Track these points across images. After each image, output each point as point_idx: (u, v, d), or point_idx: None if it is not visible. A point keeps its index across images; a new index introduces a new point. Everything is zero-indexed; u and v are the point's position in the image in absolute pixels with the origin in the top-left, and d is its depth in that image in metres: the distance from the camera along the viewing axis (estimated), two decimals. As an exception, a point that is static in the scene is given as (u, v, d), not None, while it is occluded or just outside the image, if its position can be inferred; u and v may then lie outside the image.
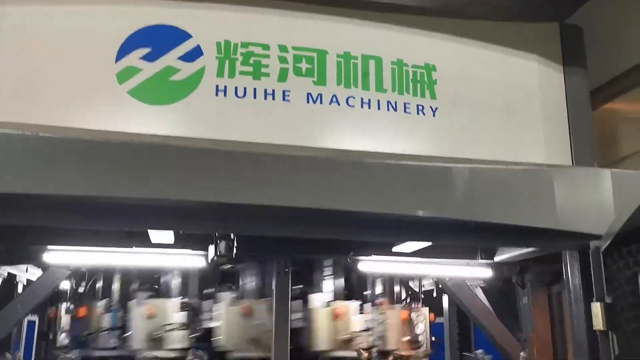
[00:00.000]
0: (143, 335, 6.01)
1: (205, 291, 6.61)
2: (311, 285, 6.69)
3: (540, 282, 6.85)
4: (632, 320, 3.24)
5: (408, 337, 6.78)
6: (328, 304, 6.44)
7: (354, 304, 6.57)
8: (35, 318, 9.03)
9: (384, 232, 3.67)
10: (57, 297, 8.15)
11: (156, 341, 6.01)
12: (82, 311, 6.57)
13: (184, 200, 3.10)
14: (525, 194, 3.55)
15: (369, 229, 3.59)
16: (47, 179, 2.95)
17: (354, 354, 6.11)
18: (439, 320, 9.12)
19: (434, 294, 8.14)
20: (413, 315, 7.06)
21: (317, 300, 6.46)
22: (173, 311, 6.22)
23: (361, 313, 6.60)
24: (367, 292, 7.07)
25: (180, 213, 3.33)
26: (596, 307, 3.49)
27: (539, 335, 6.63)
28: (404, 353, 6.57)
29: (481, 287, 7.55)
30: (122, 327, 6.32)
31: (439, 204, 3.37)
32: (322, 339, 6.23)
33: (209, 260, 4.42)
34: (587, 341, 3.63)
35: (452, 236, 3.75)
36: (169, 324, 6.07)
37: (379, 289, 7.13)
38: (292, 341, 6.24)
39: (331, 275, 6.73)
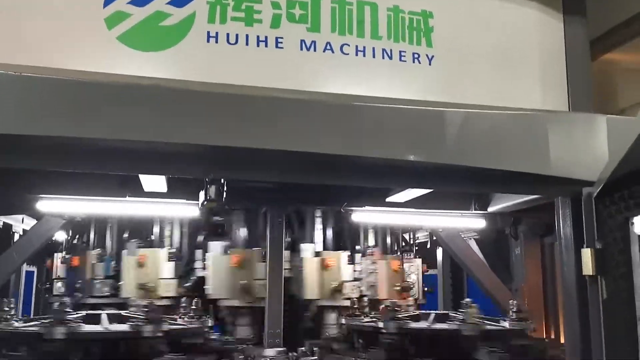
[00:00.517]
0: (135, 284, 6.12)
1: (197, 239, 6.64)
2: (302, 236, 6.76)
3: (533, 233, 6.92)
4: (621, 265, 3.26)
5: (399, 287, 6.87)
6: (317, 254, 6.53)
7: (344, 254, 6.66)
8: (33, 269, 9.15)
9: (377, 178, 3.64)
10: (53, 247, 8.24)
11: (147, 290, 6.11)
12: (75, 260, 6.64)
13: (175, 142, 3.07)
14: (519, 139, 3.52)
15: (362, 174, 3.56)
16: (35, 120, 2.90)
17: (343, 303, 6.23)
18: (432, 272, 9.26)
19: (428, 246, 8.20)
20: (406, 266, 7.15)
21: (307, 250, 6.54)
22: (164, 260, 6.32)
23: (352, 263, 6.69)
24: (360, 244, 7.13)
25: (171, 157, 3.29)
26: (586, 253, 3.50)
27: (531, 285, 6.74)
28: (395, 302, 6.66)
29: (474, 239, 7.62)
30: (115, 276, 6.41)
31: (431, 149, 3.34)
32: (311, 288, 6.37)
33: (200, 205, 4.39)
34: (576, 287, 3.67)
35: (444, 182, 3.73)
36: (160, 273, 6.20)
37: (371, 241, 7.17)
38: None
39: (322, 226, 6.76)
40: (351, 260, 6.71)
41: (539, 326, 6.09)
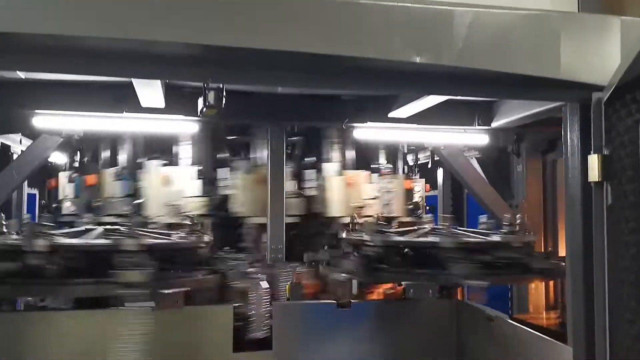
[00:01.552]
0: (158, 203, 6.12)
1: (218, 157, 6.58)
2: (320, 155, 6.74)
3: (535, 150, 6.87)
4: (628, 168, 3.21)
5: (411, 205, 6.95)
6: (341, 172, 6.54)
7: (365, 173, 6.68)
8: (35, 191, 9.16)
9: (381, 83, 3.52)
10: (53, 169, 8.22)
11: (172, 208, 6.12)
12: (90, 179, 6.62)
13: (170, 42, 2.93)
14: (527, 41, 3.37)
15: (366, 79, 3.44)
16: (19, 17, 2.75)
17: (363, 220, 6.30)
18: (433, 193, 9.28)
19: (429, 166, 8.18)
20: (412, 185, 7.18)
21: (330, 169, 6.56)
22: (189, 179, 6.29)
23: (370, 183, 6.71)
24: (376, 163, 7.12)
25: (166, 59, 3.16)
26: (593, 159, 3.44)
27: (531, 202, 6.76)
28: (406, 220, 6.73)
29: (476, 159, 7.57)
30: (133, 195, 6.38)
31: (437, 50, 3.20)
32: (335, 206, 6.42)
33: (199, 113, 4.30)
34: (581, 194, 3.63)
35: (449, 87, 3.61)
36: (184, 192, 6.18)
37: (383, 160, 7.14)
38: (306, 208, 6.45)
39: (340, 146, 6.73)
40: (369, 179, 6.72)
41: (537, 241, 6.14)
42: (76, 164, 7.28)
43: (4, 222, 4.73)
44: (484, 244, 4.88)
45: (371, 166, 7.02)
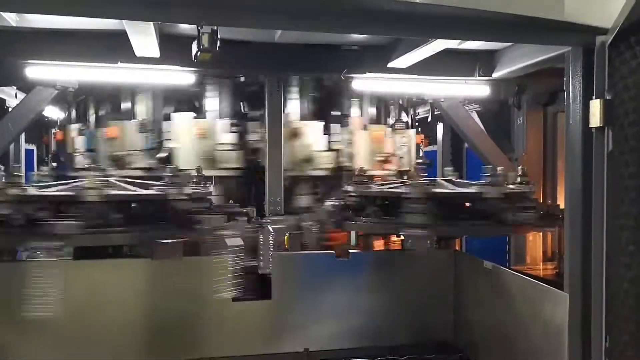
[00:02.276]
0: (194, 155, 6.14)
1: (249, 114, 6.51)
2: (344, 110, 6.76)
3: (536, 102, 6.81)
4: (631, 112, 3.17)
5: (420, 160, 6.95)
6: (365, 127, 6.58)
7: (387, 128, 6.67)
8: (32, 147, 9.13)
9: (380, 26, 3.43)
10: (51, 122, 8.17)
11: (207, 161, 6.13)
12: (59, 135, 6.56)
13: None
14: (532, -19, 3.28)
15: (365, 21, 3.35)
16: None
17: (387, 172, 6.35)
18: (432, 148, 9.25)
19: (429, 120, 8.10)
20: (397, 137, 7.12)
21: (356, 123, 6.60)
22: (223, 131, 6.30)
23: (327, 134, 6.65)
24: (392, 119, 7.13)
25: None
26: (595, 105, 3.39)
27: (531, 155, 6.73)
28: (415, 173, 6.71)
29: (477, 112, 7.51)
30: (156, 148, 6.33)
31: (439, -9, 3.11)
32: (360, 159, 6.51)
33: (193, 57, 4.22)
34: (581, 140, 3.60)
35: (451, 30, 3.53)
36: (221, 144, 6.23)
37: (355, 111, 7.03)
38: (333, 161, 6.49)
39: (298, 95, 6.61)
40: (327, 130, 6.61)
41: (537, 193, 6.13)
42: (89, 117, 7.11)
43: (2, 173, 4.71)
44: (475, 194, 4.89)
45: (389, 121, 7.05)
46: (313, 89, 6.64)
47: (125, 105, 6.69)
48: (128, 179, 5.05)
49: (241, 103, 6.57)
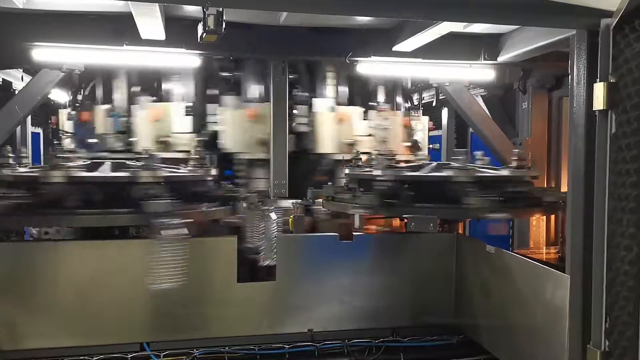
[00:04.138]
0: (149, 139, 6.13)
1: (208, 93, 6.51)
2: (314, 92, 6.64)
3: (541, 87, 6.80)
4: (634, 95, 3.17)
5: (409, 143, 6.91)
6: (332, 109, 6.48)
7: (358, 110, 6.61)
8: (39, 130, 9.19)
9: (385, 8, 3.43)
10: (56, 107, 8.20)
11: (162, 144, 6.13)
12: (85, 115, 6.60)
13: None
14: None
15: (372, 3, 3.35)
16: None
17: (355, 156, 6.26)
18: (437, 133, 9.25)
19: (434, 104, 8.11)
20: (413, 122, 7.12)
21: (321, 105, 6.49)
22: (178, 115, 6.27)
23: (365, 119, 6.66)
24: (373, 100, 7.04)
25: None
26: (599, 87, 3.39)
27: (535, 139, 6.74)
28: (404, 157, 6.72)
29: (481, 96, 7.51)
30: (125, 132, 6.38)
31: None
32: (326, 143, 6.41)
33: (199, 39, 4.24)
34: (585, 123, 3.61)
35: (457, 13, 3.52)
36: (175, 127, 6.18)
37: (381, 97, 7.05)
38: (297, 144, 6.42)
39: (334, 82, 6.61)
40: (365, 116, 6.66)
41: (541, 177, 6.15)
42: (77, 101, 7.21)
43: (10, 155, 4.77)
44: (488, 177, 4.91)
45: (369, 103, 6.93)
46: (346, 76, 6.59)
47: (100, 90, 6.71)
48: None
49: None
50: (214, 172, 5.26)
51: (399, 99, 7.28)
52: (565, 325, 3.76)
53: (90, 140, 6.44)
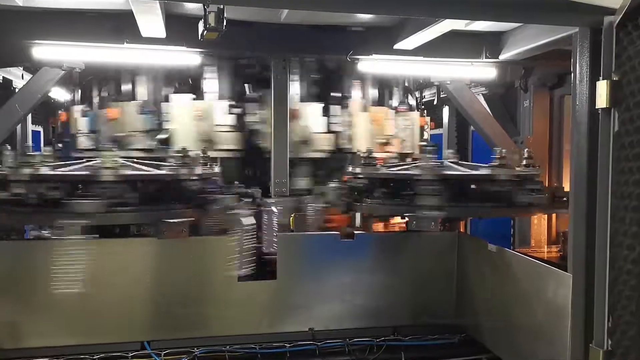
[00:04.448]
0: (191, 136, 6.05)
1: (247, 95, 6.44)
2: (344, 92, 6.66)
3: (543, 85, 6.78)
4: (637, 93, 3.16)
5: (424, 142, 6.91)
6: (366, 109, 6.51)
7: (388, 110, 6.61)
8: (39, 129, 9.18)
9: (388, 5, 3.42)
10: (57, 104, 8.19)
11: (207, 142, 6.07)
12: (63, 116, 6.55)
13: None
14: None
15: (373, 0, 3.34)
16: None
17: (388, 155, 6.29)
18: (438, 131, 9.24)
19: (435, 102, 8.09)
20: (400, 119, 7.09)
21: (356, 105, 6.52)
22: (222, 112, 6.20)
23: (326, 115, 6.59)
24: (394, 100, 7.06)
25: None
26: (602, 85, 3.38)
27: (537, 137, 6.72)
28: (417, 156, 6.71)
29: (483, 95, 7.49)
30: (156, 130, 6.24)
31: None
32: (361, 141, 6.43)
33: (200, 36, 4.22)
34: (588, 121, 3.59)
35: (459, 10, 3.51)
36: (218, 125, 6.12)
37: (355, 93, 6.96)
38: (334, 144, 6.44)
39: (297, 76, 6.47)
40: (325, 112, 6.48)
41: (542, 175, 6.13)
42: (94, 98, 7.08)
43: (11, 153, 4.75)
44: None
45: (390, 104, 6.95)
46: (314, 71, 6.53)
47: (126, 87, 6.58)
48: (135, 160, 5.10)
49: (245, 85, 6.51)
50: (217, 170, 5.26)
51: (375, 94, 7.18)
52: (567, 324, 3.74)
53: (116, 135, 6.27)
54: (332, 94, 6.57)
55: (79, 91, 7.14)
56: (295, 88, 6.40)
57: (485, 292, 4.93)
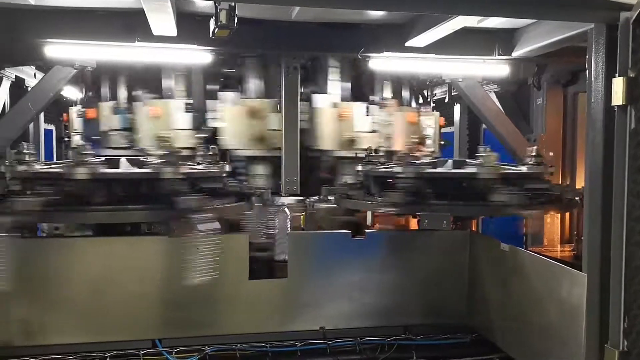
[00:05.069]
0: (150, 136, 6.05)
1: (208, 88, 6.46)
2: (317, 87, 6.57)
3: (556, 82, 6.71)
4: (654, 87, 3.12)
5: (416, 139, 6.81)
6: (334, 105, 6.42)
7: (359, 106, 6.54)
8: (51, 127, 9.23)
9: (400, 2, 3.38)
10: (69, 104, 8.22)
11: (163, 141, 6.05)
12: (90, 113, 6.57)
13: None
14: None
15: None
16: None
17: (357, 153, 6.21)
18: (450, 130, 9.15)
19: (446, 100, 8.03)
20: (423, 118, 7.03)
21: (321, 100, 6.42)
22: (178, 112, 6.20)
23: (368, 115, 6.58)
24: (376, 95, 6.94)
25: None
26: (618, 82, 3.33)
27: (550, 135, 6.65)
28: (411, 154, 6.63)
29: (495, 92, 7.42)
30: (130, 129, 6.33)
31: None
32: (326, 139, 6.33)
33: (211, 34, 4.21)
34: (603, 119, 3.54)
35: (473, 6, 3.46)
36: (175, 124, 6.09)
37: (387, 93, 6.95)
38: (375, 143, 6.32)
39: (338, 77, 6.53)
40: (368, 112, 6.55)
41: (555, 174, 6.07)
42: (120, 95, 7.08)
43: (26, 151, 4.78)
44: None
45: (370, 98, 6.81)
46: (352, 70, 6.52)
47: (166, 84, 6.52)
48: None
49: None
50: (227, 168, 5.25)
51: (407, 94, 7.18)
52: (581, 324, 3.70)
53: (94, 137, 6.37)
54: (370, 95, 6.60)
55: (107, 88, 7.08)
56: (335, 88, 6.43)
57: (497, 291, 4.89)
